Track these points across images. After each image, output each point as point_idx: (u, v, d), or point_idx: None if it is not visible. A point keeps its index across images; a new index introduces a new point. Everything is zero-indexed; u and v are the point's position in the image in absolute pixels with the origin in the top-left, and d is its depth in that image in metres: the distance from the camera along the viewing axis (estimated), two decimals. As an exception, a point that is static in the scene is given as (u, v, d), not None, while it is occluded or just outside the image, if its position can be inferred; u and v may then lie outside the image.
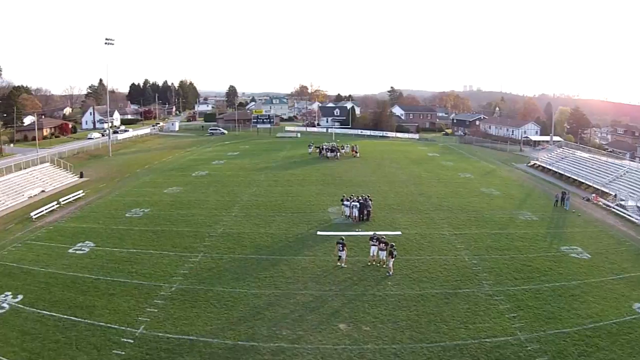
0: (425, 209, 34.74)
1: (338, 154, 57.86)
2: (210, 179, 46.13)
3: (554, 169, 55.99)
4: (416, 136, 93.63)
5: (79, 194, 40.57)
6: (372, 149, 68.33)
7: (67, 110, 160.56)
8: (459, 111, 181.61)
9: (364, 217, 30.52)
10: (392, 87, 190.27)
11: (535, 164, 61.58)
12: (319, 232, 28.41)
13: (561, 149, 65.25)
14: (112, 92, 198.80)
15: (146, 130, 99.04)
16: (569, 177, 51.04)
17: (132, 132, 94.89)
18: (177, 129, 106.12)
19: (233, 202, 36.55)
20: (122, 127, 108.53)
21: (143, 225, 31.16)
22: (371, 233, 25.41)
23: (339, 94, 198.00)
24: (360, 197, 31.70)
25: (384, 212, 33.32)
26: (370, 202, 31.12)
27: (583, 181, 48.41)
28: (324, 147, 60.36)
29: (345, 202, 31.14)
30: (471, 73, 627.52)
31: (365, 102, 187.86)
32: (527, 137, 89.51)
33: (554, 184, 48.59)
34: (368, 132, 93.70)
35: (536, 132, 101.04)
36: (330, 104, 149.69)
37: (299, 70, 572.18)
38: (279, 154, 62.65)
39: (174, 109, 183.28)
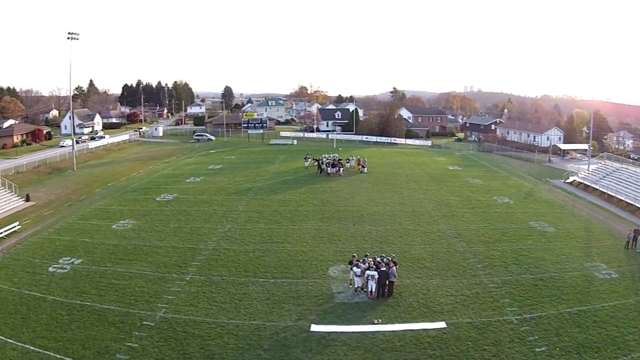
0: (470, 265, 24.07)
1: (341, 169, 47.14)
2: (175, 208, 35.65)
3: (600, 188, 45.69)
4: (428, 143, 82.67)
5: (14, 228, 31.40)
6: (381, 161, 57.68)
7: (54, 113, 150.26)
8: (466, 113, 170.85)
9: (385, 293, 19.81)
10: (394, 88, 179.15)
11: (574, 180, 51.31)
12: (313, 327, 17.58)
13: (603, 163, 54.89)
14: (105, 93, 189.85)
15: (124, 136, 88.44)
16: (621, 200, 40.91)
17: (108, 139, 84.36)
18: (161, 134, 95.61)
19: (194, 251, 25.99)
20: (100, 133, 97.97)
21: (61, 292, 21.36)
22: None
23: (339, 95, 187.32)
24: (379, 260, 20.97)
25: (413, 273, 22.65)
26: (394, 267, 20.34)
27: (640, 206, 38.25)
28: (324, 160, 49.72)
29: (355, 269, 20.31)
30: (471, 74, 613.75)
31: (367, 103, 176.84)
32: (555, 145, 78.51)
33: (607, 210, 38.78)
34: (374, 139, 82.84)
35: (559, 139, 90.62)
36: (331, 106, 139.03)
37: (299, 70, 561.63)
38: (269, 168, 52.02)
39: (165, 111, 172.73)
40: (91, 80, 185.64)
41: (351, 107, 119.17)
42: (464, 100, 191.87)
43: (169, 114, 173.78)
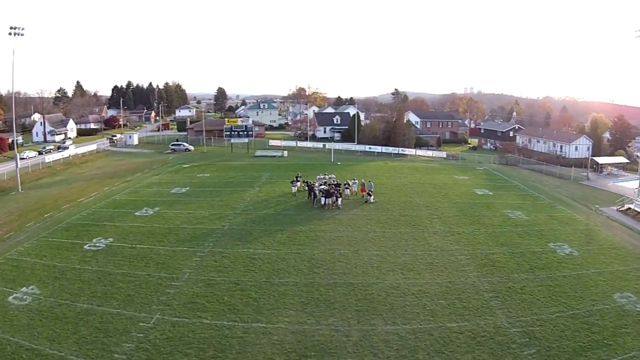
0: None
1: (340, 199, 35.60)
2: (100, 267, 24.62)
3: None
4: (442, 154, 70.88)
5: None
6: (391, 182, 46.12)
7: (36, 117, 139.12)
8: (472, 116, 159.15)
9: None
10: (396, 89, 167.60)
11: (629, 209, 40.29)
12: None
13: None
14: (95, 95, 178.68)
15: (92, 146, 76.91)
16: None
17: (72, 150, 72.89)
18: (135, 142, 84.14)
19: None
20: (68, 142, 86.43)
21: None
22: None
23: (339, 97, 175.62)
24: None
25: None
26: None
27: None
28: (317, 184, 38.34)
29: None
30: (471, 75, 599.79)
31: (367, 105, 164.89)
32: (592, 158, 66.68)
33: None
34: (379, 149, 71.27)
35: (588, 149, 79.36)
36: (330, 109, 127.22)
37: (297, 71, 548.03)
38: (246, 194, 40.44)
39: (152, 114, 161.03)
40: (78, 82, 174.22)
41: (352, 110, 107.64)
42: (470, 102, 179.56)
43: (158, 117, 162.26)
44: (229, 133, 68.53)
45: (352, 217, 32.85)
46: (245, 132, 68.16)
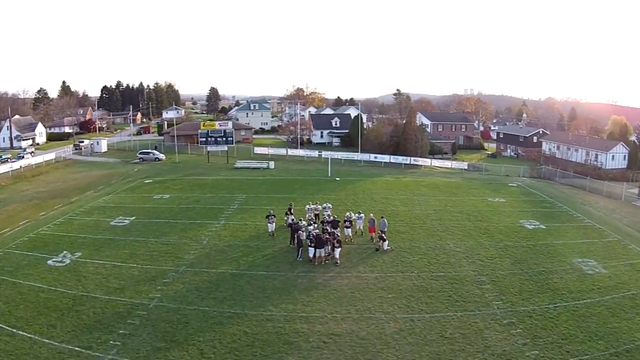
0: None
1: (338, 250, 23.63)
2: None
3: None
4: (463, 165, 59.29)
5: None
6: (409, 210, 34.54)
7: (14, 119, 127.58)
8: (480, 118, 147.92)
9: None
10: (398, 90, 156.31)
11: None
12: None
13: None
14: (84, 95, 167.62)
15: (51, 155, 65.67)
16: None
17: (25, 160, 61.77)
18: (103, 149, 72.94)
19: None
20: (28, 150, 75.05)
21: None
22: None
23: (338, 97, 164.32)
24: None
25: None
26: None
27: None
28: (305, 224, 26.49)
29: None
30: (471, 76, 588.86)
31: (368, 106, 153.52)
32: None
33: None
34: (386, 158, 59.96)
35: (624, 158, 68.40)
36: (328, 110, 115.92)
37: (297, 72, 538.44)
38: (204, 233, 28.71)
39: (138, 115, 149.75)
40: (64, 82, 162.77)
41: (353, 111, 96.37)
42: (479, 103, 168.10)
43: (145, 119, 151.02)
44: (204, 139, 57.21)
45: (356, 283, 21.23)
46: (224, 139, 56.76)
